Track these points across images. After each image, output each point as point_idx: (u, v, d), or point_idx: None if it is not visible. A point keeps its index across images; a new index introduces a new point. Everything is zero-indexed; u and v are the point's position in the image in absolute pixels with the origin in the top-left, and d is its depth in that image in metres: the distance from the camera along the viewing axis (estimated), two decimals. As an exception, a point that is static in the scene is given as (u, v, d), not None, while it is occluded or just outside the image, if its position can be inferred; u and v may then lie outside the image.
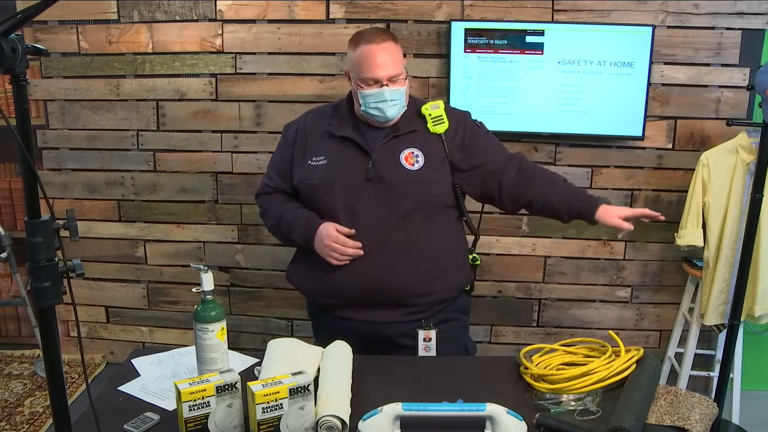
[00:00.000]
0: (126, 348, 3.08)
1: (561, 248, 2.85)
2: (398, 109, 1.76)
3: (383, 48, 1.71)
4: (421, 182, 1.75)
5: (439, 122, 1.81)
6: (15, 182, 3.13)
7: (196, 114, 2.85)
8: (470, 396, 1.31)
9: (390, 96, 1.72)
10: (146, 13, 2.76)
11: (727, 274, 2.49)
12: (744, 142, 2.44)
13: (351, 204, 1.76)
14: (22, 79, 0.95)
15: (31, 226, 0.97)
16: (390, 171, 1.75)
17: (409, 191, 1.75)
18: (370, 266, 1.74)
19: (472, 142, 1.83)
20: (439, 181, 1.78)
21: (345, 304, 1.80)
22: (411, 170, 1.76)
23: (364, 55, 1.71)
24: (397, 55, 1.74)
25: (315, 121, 1.86)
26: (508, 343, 2.97)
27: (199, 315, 1.41)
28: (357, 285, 1.75)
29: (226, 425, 1.23)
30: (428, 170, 1.77)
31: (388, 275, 1.74)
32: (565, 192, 1.84)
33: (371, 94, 1.72)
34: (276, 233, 1.89)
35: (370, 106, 1.74)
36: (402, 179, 1.75)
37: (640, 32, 2.52)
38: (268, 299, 3.02)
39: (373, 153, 1.76)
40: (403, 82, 1.75)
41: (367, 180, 1.75)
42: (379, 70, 1.70)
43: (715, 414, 1.35)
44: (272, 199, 1.90)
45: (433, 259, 1.79)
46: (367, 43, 1.72)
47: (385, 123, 1.78)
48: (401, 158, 1.76)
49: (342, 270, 1.75)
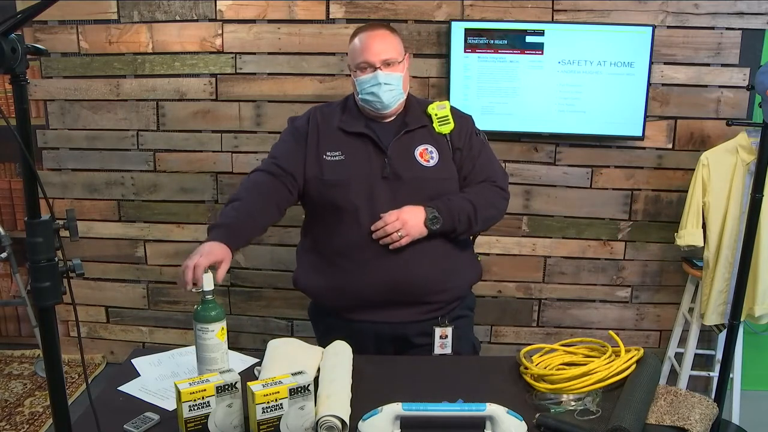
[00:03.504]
0: (126, 348, 3.08)
1: (561, 248, 2.85)
2: (394, 95, 1.75)
3: (377, 34, 1.74)
4: (436, 179, 1.76)
5: (445, 122, 1.81)
6: (15, 182, 3.13)
7: (196, 114, 2.85)
8: (470, 396, 1.30)
9: (384, 79, 1.72)
10: (146, 13, 2.76)
11: (727, 274, 2.49)
12: (744, 142, 2.44)
13: (368, 201, 1.74)
14: (22, 79, 0.95)
15: (31, 226, 0.97)
16: (405, 168, 1.75)
17: (424, 188, 1.75)
18: (389, 265, 1.72)
19: (468, 149, 1.83)
20: (451, 178, 1.80)
21: (363, 306, 1.77)
22: (426, 166, 1.76)
23: (359, 42, 1.76)
24: (392, 42, 1.75)
25: (325, 116, 1.85)
26: (508, 343, 2.97)
27: (199, 315, 1.41)
28: (376, 285, 1.74)
29: (226, 425, 1.23)
30: (442, 167, 1.78)
31: (407, 274, 1.73)
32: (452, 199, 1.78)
33: (366, 79, 1.73)
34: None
35: (366, 92, 1.74)
36: (417, 176, 1.75)
37: (640, 32, 2.52)
38: (268, 299, 3.02)
39: (389, 150, 1.76)
40: (399, 68, 1.75)
41: (383, 178, 1.75)
42: (371, 54, 1.72)
43: (715, 414, 1.35)
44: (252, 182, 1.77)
45: (448, 256, 1.79)
46: (362, 31, 1.77)
47: (382, 110, 1.76)
48: (416, 154, 1.77)
49: (360, 272, 1.73)
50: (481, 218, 1.79)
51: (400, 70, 1.75)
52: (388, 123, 1.81)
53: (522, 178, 2.78)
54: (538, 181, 2.78)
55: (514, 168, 2.77)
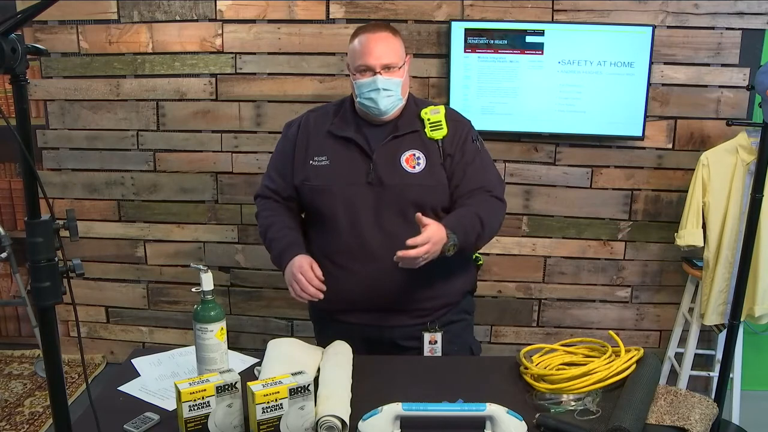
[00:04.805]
0: (126, 348, 3.08)
1: (561, 248, 2.85)
2: (392, 101, 1.72)
3: (378, 37, 1.71)
4: (420, 186, 1.73)
5: (437, 128, 1.77)
6: (15, 182, 3.13)
7: (196, 114, 2.85)
8: (470, 396, 1.31)
9: (383, 85, 1.69)
10: (146, 13, 2.76)
11: (727, 274, 2.49)
12: (744, 142, 2.44)
13: (351, 208, 1.73)
14: (22, 79, 0.94)
15: (31, 226, 0.97)
16: (389, 174, 1.73)
17: (407, 194, 1.73)
18: (374, 272, 1.71)
19: (460, 156, 1.77)
20: (437, 185, 1.75)
21: (349, 309, 1.78)
22: (411, 172, 1.73)
23: (359, 44, 1.72)
24: (393, 46, 1.72)
25: (317, 120, 1.84)
26: (508, 343, 2.97)
27: (199, 315, 1.41)
28: (361, 291, 1.73)
29: (226, 425, 1.23)
30: (428, 173, 1.74)
31: (392, 281, 1.72)
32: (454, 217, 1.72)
33: (365, 83, 1.71)
34: (263, 240, 1.84)
35: (364, 96, 1.72)
36: (400, 183, 1.72)
37: (640, 32, 2.52)
38: (268, 299, 3.02)
39: (374, 155, 1.74)
40: (399, 73, 1.72)
41: (368, 183, 1.73)
42: (371, 57, 1.69)
43: (715, 414, 1.35)
44: (267, 206, 1.86)
45: (437, 264, 1.74)
46: (363, 32, 1.73)
47: (379, 116, 1.74)
48: (402, 160, 1.74)
49: (346, 276, 1.73)
50: (487, 236, 1.75)
51: (399, 75, 1.72)
52: (379, 127, 1.78)
53: (522, 178, 2.78)
54: (538, 181, 2.78)
55: (514, 168, 2.77)
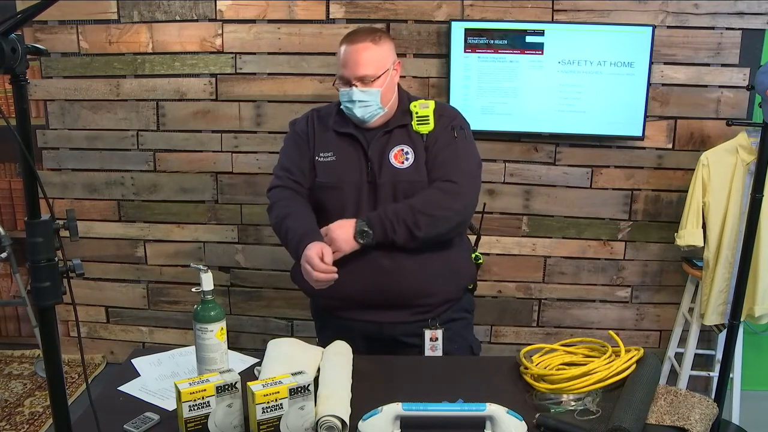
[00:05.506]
0: (126, 348, 3.08)
1: (561, 248, 2.85)
2: (370, 110, 1.74)
3: (357, 48, 1.71)
4: (408, 182, 1.74)
5: (424, 122, 1.78)
6: (15, 182, 3.13)
7: (196, 114, 2.85)
8: (470, 396, 1.30)
9: (358, 97, 1.71)
10: (146, 13, 2.76)
11: (727, 274, 2.49)
12: (744, 142, 2.44)
13: (356, 205, 1.76)
14: (22, 79, 0.94)
15: (31, 226, 0.97)
16: (381, 170, 1.76)
17: (398, 190, 1.74)
18: (374, 268, 1.72)
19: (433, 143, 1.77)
20: (424, 181, 1.75)
21: (350, 306, 1.78)
22: (399, 169, 1.75)
23: (341, 54, 1.75)
24: (372, 57, 1.71)
25: (321, 117, 1.87)
26: (508, 343, 2.97)
27: (199, 315, 1.41)
28: (362, 287, 1.74)
29: (226, 425, 1.23)
30: (415, 169, 1.75)
31: (392, 277, 1.73)
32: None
33: (343, 93, 1.75)
34: (276, 232, 1.86)
35: (344, 105, 1.76)
36: (391, 179, 1.74)
37: (640, 32, 2.52)
38: (268, 299, 3.02)
39: (369, 151, 1.77)
40: (378, 83, 1.72)
41: (368, 180, 1.76)
42: (347, 70, 1.72)
43: (715, 414, 1.35)
44: (284, 195, 1.83)
45: (436, 260, 1.78)
46: (346, 42, 1.75)
47: (362, 124, 1.78)
48: (390, 157, 1.76)
49: (347, 272, 1.73)
50: (425, 223, 1.67)
51: (378, 85, 1.72)
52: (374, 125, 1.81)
53: (522, 178, 2.78)
54: (538, 181, 2.78)
55: (514, 168, 2.77)
